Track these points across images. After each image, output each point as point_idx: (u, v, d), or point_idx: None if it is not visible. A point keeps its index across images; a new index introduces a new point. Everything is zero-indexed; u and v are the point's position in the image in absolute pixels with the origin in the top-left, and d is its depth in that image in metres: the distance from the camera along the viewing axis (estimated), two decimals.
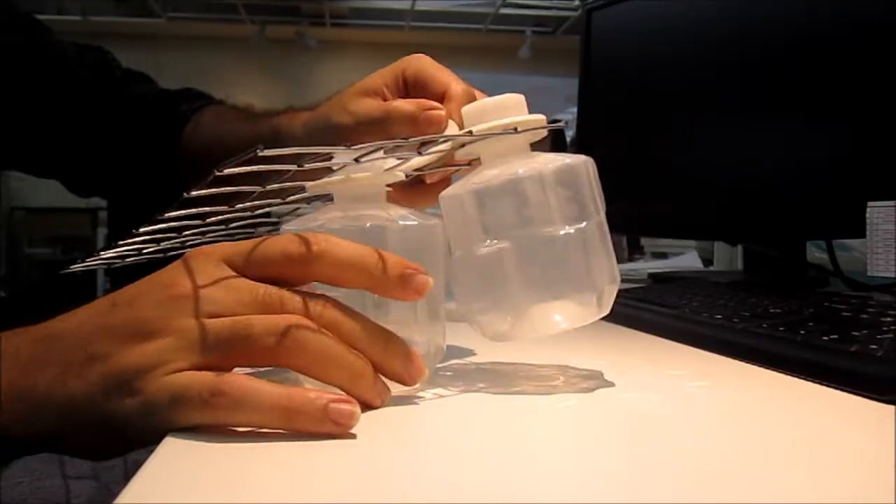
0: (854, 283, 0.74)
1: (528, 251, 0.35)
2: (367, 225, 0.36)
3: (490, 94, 0.41)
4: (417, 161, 0.41)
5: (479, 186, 0.36)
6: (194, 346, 0.30)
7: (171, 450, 0.28)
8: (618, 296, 0.38)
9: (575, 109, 1.03)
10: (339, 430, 0.29)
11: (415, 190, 0.48)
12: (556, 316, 0.37)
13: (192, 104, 0.70)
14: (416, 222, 0.37)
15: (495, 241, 0.35)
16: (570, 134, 1.32)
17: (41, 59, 0.68)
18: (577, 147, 1.05)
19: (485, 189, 0.36)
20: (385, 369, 0.33)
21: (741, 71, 0.78)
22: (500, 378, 0.42)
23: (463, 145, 0.39)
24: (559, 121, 0.44)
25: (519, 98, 0.38)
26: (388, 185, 0.39)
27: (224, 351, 0.30)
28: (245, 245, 0.33)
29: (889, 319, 0.45)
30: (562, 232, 0.35)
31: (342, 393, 0.30)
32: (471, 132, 0.38)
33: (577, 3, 4.16)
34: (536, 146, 0.39)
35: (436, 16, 4.57)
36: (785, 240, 0.79)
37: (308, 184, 0.39)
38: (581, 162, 0.37)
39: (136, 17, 4.60)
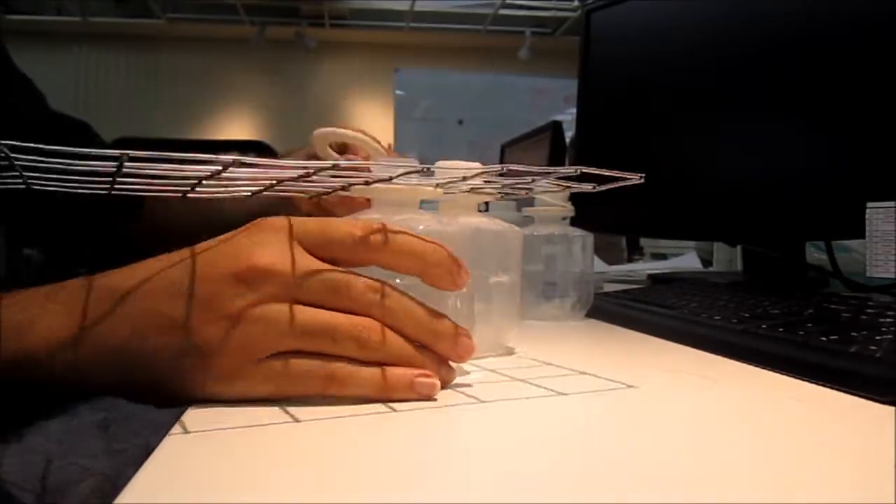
0: (853, 284, 0.74)
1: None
2: (420, 227, 0.39)
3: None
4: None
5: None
6: (284, 335, 0.33)
7: (180, 441, 0.28)
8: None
9: (574, 110, 1.03)
10: (424, 398, 0.34)
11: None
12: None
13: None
14: (456, 229, 0.41)
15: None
16: (569, 135, 1.32)
17: (36, 120, 0.73)
18: (577, 147, 1.05)
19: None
20: (436, 350, 0.36)
21: (741, 71, 0.78)
22: (497, 380, 0.42)
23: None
24: None
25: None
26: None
27: (308, 342, 0.33)
28: (312, 224, 0.35)
29: (888, 320, 0.45)
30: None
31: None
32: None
33: (576, 4, 4.17)
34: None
35: (435, 16, 4.57)
36: (784, 241, 0.80)
37: (354, 187, 0.42)
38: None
39: (135, 17, 4.60)
